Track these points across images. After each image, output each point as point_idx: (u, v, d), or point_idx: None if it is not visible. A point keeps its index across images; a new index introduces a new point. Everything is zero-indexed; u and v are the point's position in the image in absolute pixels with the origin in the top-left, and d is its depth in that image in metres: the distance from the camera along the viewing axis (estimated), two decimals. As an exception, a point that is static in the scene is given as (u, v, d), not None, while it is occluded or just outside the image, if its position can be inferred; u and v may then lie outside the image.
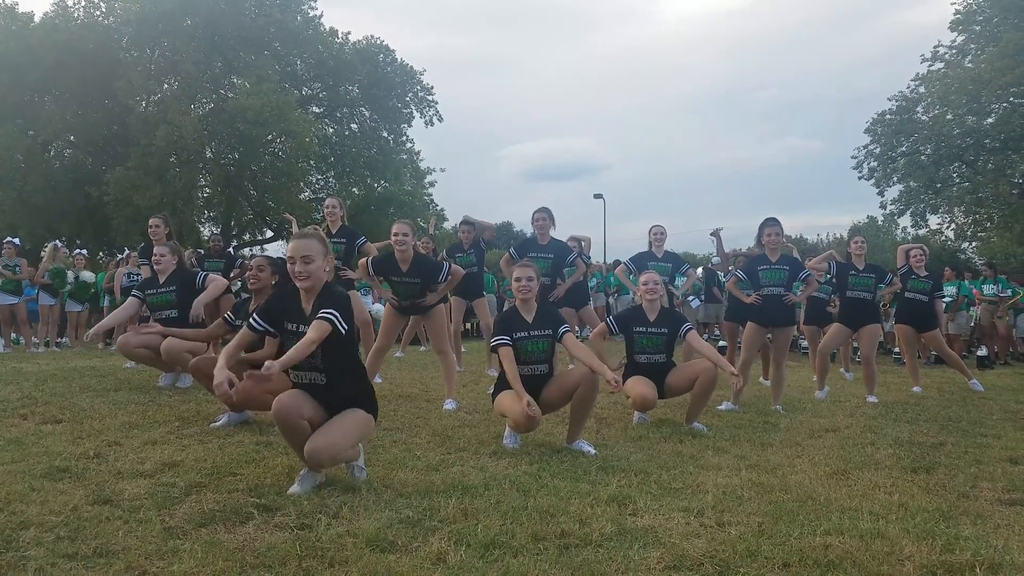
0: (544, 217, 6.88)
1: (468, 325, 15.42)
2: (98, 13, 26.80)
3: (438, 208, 31.35)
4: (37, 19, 25.69)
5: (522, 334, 4.46)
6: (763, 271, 6.28)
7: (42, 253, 11.65)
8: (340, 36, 29.36)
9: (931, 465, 4.13)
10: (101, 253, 19.50)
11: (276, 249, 33.13)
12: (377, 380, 6.74)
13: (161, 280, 6.20)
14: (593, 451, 4.25)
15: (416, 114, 30.93)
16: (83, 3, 26.67)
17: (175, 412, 5.01)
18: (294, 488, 3.22)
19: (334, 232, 6.94)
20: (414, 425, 4.90)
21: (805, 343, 14.06)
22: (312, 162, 28.78)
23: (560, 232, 7.15)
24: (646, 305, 5.44)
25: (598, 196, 30.80)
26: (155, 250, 6.38)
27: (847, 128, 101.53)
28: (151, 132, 23.60)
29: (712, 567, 2.49)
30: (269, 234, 31.96)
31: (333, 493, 3.21)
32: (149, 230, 7.34)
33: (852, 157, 25.29)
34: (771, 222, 6.33)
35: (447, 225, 33.33)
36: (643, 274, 5.64)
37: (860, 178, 25.27)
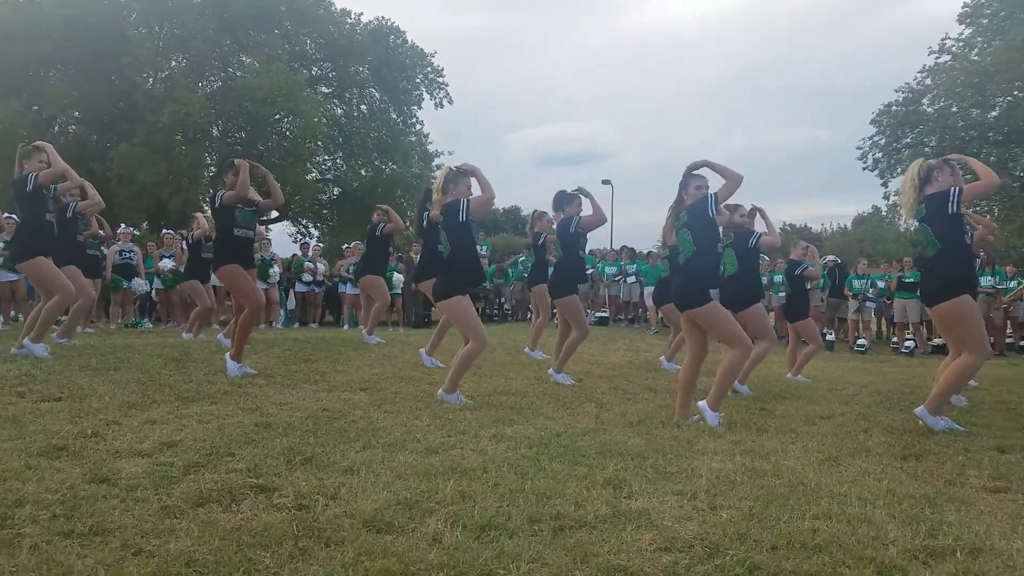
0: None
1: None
2: (107, -13, 26.63)
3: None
4: (45, -7, 25.52)
5: None
6: None
7: None
8: (352, 17, 29.17)
9: (921, 453, 4.17)
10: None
11: (280, 230, 32.90)
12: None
13: None
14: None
15: (426, 95, 30.70)
16: (92, -24, 26.48)
17: (175, 392, 5.04)
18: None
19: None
20: (415, 408, 4.93)
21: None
22: (320, 143, 28.61)
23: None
24: None
25: (606, 182, 30.62)
26: None
27: (852, 117, 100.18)
28: (158, 109, 23.52)
29: (702, 549, 2.53)
30: (274, 215, 31.87)
31: (332, 474, 3.24)
32: None
33: (857, 148, 25.23)
34: None
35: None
36: None
37: (864, 169, 25.19)
